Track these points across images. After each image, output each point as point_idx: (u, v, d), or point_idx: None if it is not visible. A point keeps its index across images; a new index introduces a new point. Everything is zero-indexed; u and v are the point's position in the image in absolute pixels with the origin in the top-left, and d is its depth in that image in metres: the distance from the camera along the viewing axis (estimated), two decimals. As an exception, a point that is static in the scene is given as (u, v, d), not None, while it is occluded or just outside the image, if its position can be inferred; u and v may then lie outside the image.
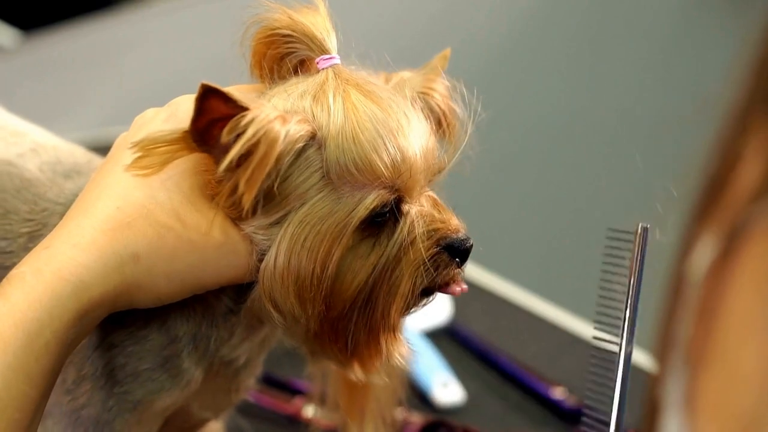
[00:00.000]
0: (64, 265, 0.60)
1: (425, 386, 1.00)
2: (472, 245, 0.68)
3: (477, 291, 1.16)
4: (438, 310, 1.10)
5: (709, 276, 0.38)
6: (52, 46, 1.49)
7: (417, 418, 0.96)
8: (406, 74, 0.70)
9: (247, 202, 0.63)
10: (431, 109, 0.69)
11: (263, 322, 0.69)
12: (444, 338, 1.08)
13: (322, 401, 0.78)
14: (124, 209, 0.63)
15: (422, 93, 0.69)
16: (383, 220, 0.65)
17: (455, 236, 0.67)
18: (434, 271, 0.67)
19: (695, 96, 2.04)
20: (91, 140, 0.95)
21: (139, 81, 1.45)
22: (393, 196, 0.65)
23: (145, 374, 0.68)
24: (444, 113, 0.70)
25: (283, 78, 0.68)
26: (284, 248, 0.64)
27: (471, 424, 0.97)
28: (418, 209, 0.66)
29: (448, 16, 1.79)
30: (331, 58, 0.67)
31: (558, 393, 1.01)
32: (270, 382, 0.95)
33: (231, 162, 0.62)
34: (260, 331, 0.70)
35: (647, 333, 1.30)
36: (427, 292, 0.68)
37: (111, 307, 0.63)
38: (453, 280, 0.68)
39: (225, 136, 0.62)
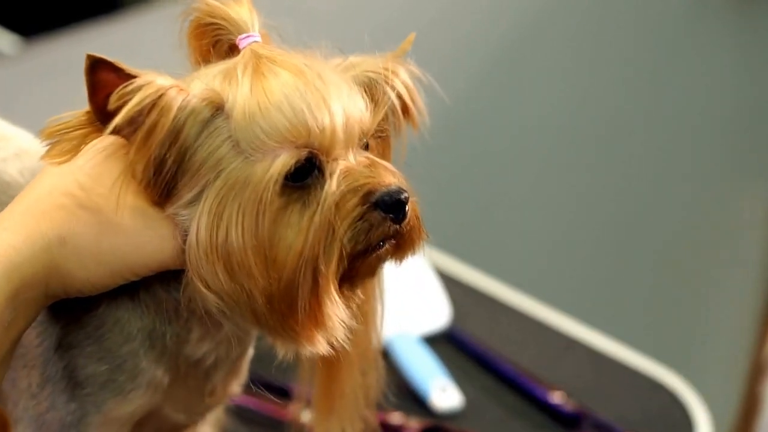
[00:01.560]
0: None
1: (423, 391, 1.01)
2: (406, 198, 0.64)
3: (475, 295, 1.16)
4: (436, 314, 1.10)
5: None
6: (54, 52, 1.49)
7: (415, 423, 0.96)
8: (355, 58, 0.68)
9: (139, 172, 0.63)
10: (387, 91, 0.68)
11: (213, 314, 0.67)
12: (442, 342, 1.08)
13: (308, 403, 0.77)
14: (52, 194, 0.64)
15: (376, 73, 0.68)
16: (308, 183, 0.64)
17: (383, 189, 0.64)
18: (366, 231, 0.64)
19: (704, 96, 2.04)
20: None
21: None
22: (307, 155, 0.63)
23: (104, 375, 0.68)
24: (403, 96, 0.68)
25: None
26: (204, 223, 0.63)
27: (469, 428, 0.97)
28: (343, 167, 0.64)
29: (448, 16, 1.80)
30: (249, 36, 0.67)
31: (557, 397, 1.01)
32: (266, 386, 0.96)
33: (115, 128, 0.62)
34: (220, 326, 0.69)
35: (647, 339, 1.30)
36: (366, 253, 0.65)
37: (45, 290, 0.64)
38: (389, 236, 0.65)
39: (112, 104, 0.61)
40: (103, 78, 0.62)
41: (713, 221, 1.99)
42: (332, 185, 0.64)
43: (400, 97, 0.69)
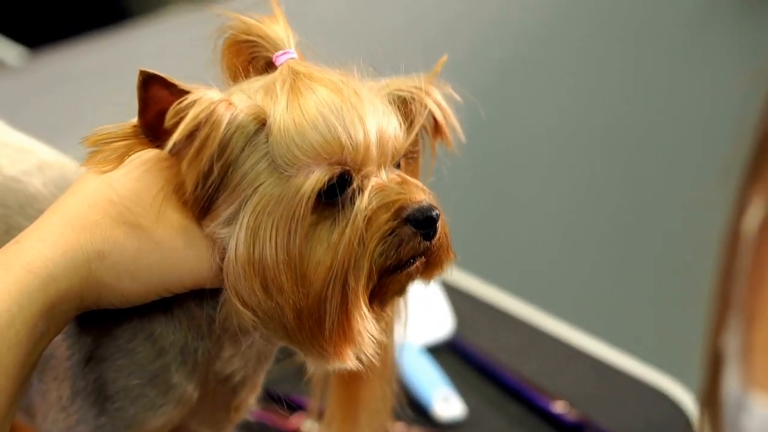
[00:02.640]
0: (32, 259, 0.62)
1: (426, 401, 1.01)
2: (437, 215, 0.65)
3: (478, 305, 1.16)
4: (439, 324, 1.11)
5: (759, 235, 0.40)
6: (59, 63, 1.49)
7: (418, 433, 0.97)
8: (389, 79, 0.69)
9: (189, 185, 0.63)
10: (417, 109, 0.68)
11: (247, 332, 0.67)
12: (445, 352, 1.08)
13: (320, 416, 0.77)
14: (93, 207, 0.64)
15: (408, 93, 0.68)
16: (340, 199, 0.64)
17: (415, 206, 0.64)
18: (396, 246, 0.64)
19: (713, 106, 2.04)
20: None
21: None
22: (340, 171, 0.64)
23: (135, 390, 0.68)
24: (435, 115, 0.69)
25: None
26: (242, 239, 0.64)
27: (472, 438, 0.98)
28: (375, 183, 0.65)
29: (458, 21, 1.80)
30: (286, 53, 0.67)
31: (559, 407, 1.01)
32: (269, 397, 0.96)
33: (175, 145, 0.62)
34: (251, 345, 0.69)
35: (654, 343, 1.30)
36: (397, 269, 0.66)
37: (79, 303, 0.64)
38: (419, 253, 0.65)
39: (168, 122, 0.62)
40: (156, 94, 0.62)
41: (720, 232, 1.99)
42: (364, 200, 0.64)
43: (432, 116, 0.69)
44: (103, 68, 1.44)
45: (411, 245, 0.65)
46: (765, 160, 0.41)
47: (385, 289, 0.66)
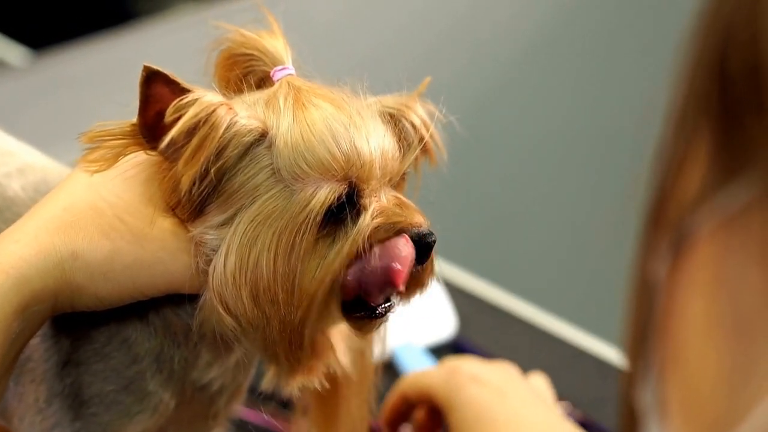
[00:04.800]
0: (6, 259, 0.62)
1: (430, 401, 1.01)
2: (434, 241, 0.66)
3: (481, 305, 1.16)
4: (442, 324, 1.11)
5: (665, 282, 0.39)
6: (64, 65, 1.49)
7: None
8: (374, 98, 0.69)
9: (184, 186, 0.63)
10: (404, 126, 0.68)
11: (226, 339, 0.67)
12: (448, 353, 1.08)
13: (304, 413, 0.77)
14: (70, 210, 0.64)
15: (396, 110, 0.69)
16: (342, 217, 0.64)
17: (415, 230, 0.65)
18: None
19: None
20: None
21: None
22: (347, 188, 0.64)
23: (110, 396, 0.68)
24: (420, 132, 0.69)
25: None
26: (235, 246, 0.63)
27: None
28: (377, 204, 0.65)
29: (454, 34, 1.80)
30: (284, 68, 0.67)
31: (563, 407, 1.01)
32: (269, 399, 0.96)
33: (171, 143, 0.62)
34: (230, 353, 0.69)
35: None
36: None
37: (53, 304, 0.64)
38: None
39: (168, 117, 0.62)
40: (157, 92, 0.62)
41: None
42: (367, 218, 0.64)
43: (417, 132, 0.69)
44: (107, 69, 1.44)
45: None
46: (663, 204, 0.40)
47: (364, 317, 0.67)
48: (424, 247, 0.65)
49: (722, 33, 0.37)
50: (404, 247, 0.65)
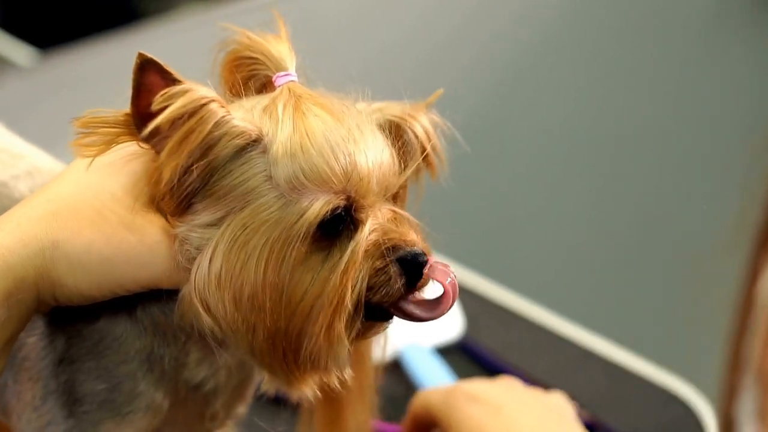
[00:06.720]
0: None
1: (437, 401, 1.01)
2: (426, 262, 0.64)
3: (489, 306, 1.16)
4: (449, 325, 1.11)
5: None
6: (70, 64, 1.50)
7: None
8: (380, 104, 0.68)
9: (165, 177, 0.62)
10: (407, 136, 0.68)
11: (212, 337, 0.66)
12: (456, 354, 1.08)
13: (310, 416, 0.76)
14: (54, 200, 0.64)
15: (400, 119, 0.68)
16: (337, 231, 0.64)
17: (408, 249, 0.64)
18: (385, 284, 0.64)
19: (723, 110, 2.04)
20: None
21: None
22: (344, 202, 0.63)
23: (101, 394, 0.67)
24: (423, 142, 0.68)
25: None
26: (222, 249, 0.63)
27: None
28: (373, 218, 0.64)
29: (457, 36, 1.80)
30: (287, 74, 0.67)
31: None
32: (275, 401, 0.96)
33: (156, 131, 0.61)
34: (220, 351, 0.68)
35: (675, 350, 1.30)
36: (379, 314, 0.65)
37: (35, 294, 0.64)
38: (401, 297, 0.65)
39: (155, 105, 0.61)
40: (150, 81, 0.61)
41: (730, 232, 1.98)
42: (364, 233, 0.64)
43: (419, 141, 0.68)
44: (113, 69, 1.44)
45: (397, 287, 0.64)
46: None
47: (365, 327, 0.66)
48: (416, 266, 0.65)
49: None
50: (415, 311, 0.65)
